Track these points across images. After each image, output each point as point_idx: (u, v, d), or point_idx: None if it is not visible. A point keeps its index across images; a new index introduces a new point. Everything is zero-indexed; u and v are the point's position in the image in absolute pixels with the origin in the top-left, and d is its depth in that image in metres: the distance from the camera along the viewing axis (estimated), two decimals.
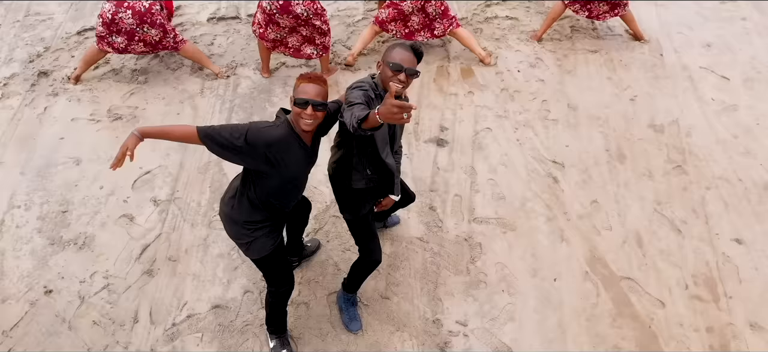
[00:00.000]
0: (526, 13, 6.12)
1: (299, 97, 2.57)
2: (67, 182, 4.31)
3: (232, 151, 2.57)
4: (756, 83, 5.26)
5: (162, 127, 2.58)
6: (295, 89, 2.62)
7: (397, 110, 2.23)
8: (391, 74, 2.74)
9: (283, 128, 2.64)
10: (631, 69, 5.39)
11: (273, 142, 2.59)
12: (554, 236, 3.96)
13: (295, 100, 2.58)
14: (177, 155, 4.51)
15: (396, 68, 2.73)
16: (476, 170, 4.42)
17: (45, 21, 6.00)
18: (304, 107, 2.57)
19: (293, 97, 2.61)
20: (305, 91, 2.58)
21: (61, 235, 3.94)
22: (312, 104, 2.56)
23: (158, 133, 2.57)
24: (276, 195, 2.78)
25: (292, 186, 2.83)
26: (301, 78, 2.63)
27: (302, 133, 2.69)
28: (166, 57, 5.49)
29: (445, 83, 5.23)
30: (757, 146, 4.63)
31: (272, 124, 2.67)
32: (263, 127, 2.61)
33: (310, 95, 2.57)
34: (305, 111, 2.57)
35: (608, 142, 4.66)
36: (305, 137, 2.71)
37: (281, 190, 2.78)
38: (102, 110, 4.91)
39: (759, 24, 6.01)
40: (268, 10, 4.69)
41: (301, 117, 2.59)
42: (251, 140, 2.54)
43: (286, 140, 2.63)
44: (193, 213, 4.09)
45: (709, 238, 3.96)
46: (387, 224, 3.96)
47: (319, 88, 2.61)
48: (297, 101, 2.57)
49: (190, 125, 2.59)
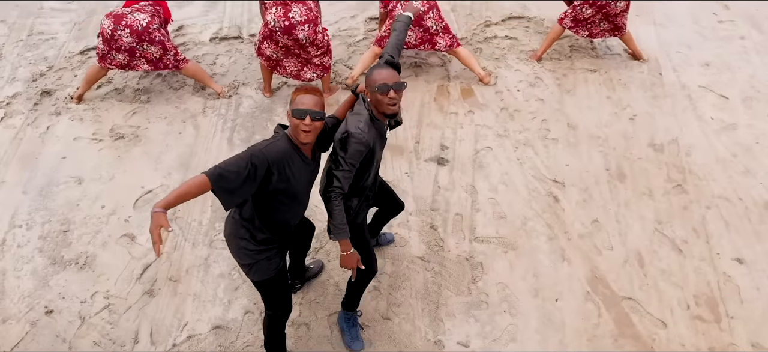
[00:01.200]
0: (525, 33, 6.16)
1: (297, 109, 2.61)
2: (69, 201, 4.32)
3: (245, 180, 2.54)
4: (755, 102, 5.29)
5: (177, 191, 2.48)
6: (292, 102, 2.66)
7: (348, 268, 2.97)
8: (381, 97, 2.77)
9: (283, 142, 2.67)
10: (631, 88, 5.42)
11: (276, 156, 2.61)
12: (555, 255, 3.96)
13: (292, 111, 2.62)
14: (178, 174, 4.53)
15: (383, 90, 2.76)
16: (477, 189, 4.43)
17: (48, 40, 6.05)
18: (302, 118, 2.60)
19: (290, 110, 2.64)
20: (302, 102, 2.62)
21: (62, 254, 3.95)
22: (310, 114, 2.60)
23: (177, 198, 2.47)
24: (280, 212, 2.79)
25: (296, 201, 2.84)
26: (297, 91, 2.69)
27: (302, 146, 2.71)
28: (168, 76, 5.53)
29: (445, 102, 5.26)
30: (756, 165, 4.65)
31: (271, 140, 2.70)
32: (264, 147, 2.63)
33: (307, 106, 2.61)
34: (303, 122, 2.60)
35: (608, 161, 4.67)
36: (305, 150, 2.74)
37: (285, 206, 2.79)
38: (104, 129, 4.94)
39: (758, 43, 6.06)
40: (271, 25, 4.73)
41: (300, 128, 2.62)
42: (257, 162, 2.56)
43: (288, 153, 2.66)
44: (194, 232, 4.10)
45: (710, 257, 3.96)
46: (380, 242, 3.96)
47: (316, 98, 2.65)
48: (295, 112, 2.61)
49: (198, 175, 2.53)
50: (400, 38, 3.24)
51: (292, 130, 2.67)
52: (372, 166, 2.91)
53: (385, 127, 2.93)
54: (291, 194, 2.76)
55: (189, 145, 4.81)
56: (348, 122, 2.81)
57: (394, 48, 3.17)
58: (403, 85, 2.82)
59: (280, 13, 4.67)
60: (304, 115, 2.60)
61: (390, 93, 2.77)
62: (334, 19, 6.33)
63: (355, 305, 3.39)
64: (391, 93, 2.77)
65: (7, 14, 6.45)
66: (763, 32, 6.21)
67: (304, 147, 2.72)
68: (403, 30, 3.29)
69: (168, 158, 4.68)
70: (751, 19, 6.40)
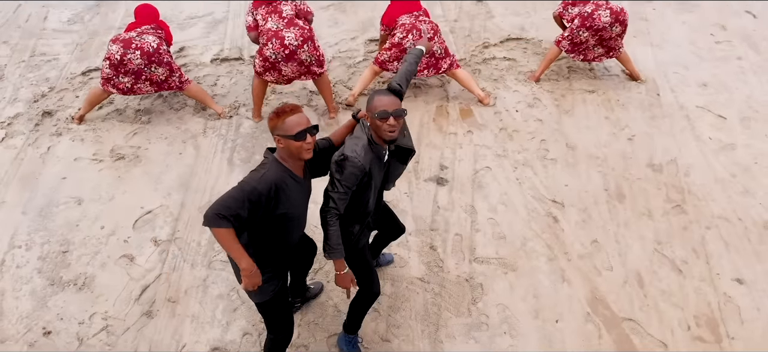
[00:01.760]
0: (523, 54, 6.21)
1: (297, 132, 2.60)
2: (69, 221, 4.32)
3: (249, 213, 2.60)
4: (753, 122, 5.31)
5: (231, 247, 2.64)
6: (282, 126, 2.62)
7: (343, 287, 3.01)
8: (380, 123, 2.78)
9: (273, 169, 2.67)
10: (629, 108, 5.45)
11: (269, 187, 2.62)
12: (555, 276, 3.95)
13: (295, 135, 2.61)
14: (178, 195, 4.54)
15: (383, 116, 2.77)
16: (476, 209, 4.43)
17: (50, 61, 6.10)
18: (304, 138, 2.62)
19: (286, 135, 2.62)
20: (299, 123, 2.62)
21: (61, 275, 3.94)
22: (308, 132, 2.64)
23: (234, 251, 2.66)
24: (280, 235, 2.80)
25: (295, 222, 2.85)
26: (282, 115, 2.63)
27: (295, 166, 2.72)
28: (169, 97, 5.57)
29: (444, 122, 5.29)
30: (755, 185, 4.66)
31: (260, 169, 2.69)
32: (256, 181, 2.62)
33: (304, 125, 2.63)
34: (306, 142, 2.63)
35: (607, 181, 4.68)
36: (298, 170, 2.74)
37: (284, 228, 2.80)
38: (105, 150, 4.95)
39: (755, 63, 6.10)
40: (272, 59, 4.76)
41: (304, 148, 2.65)
42: (254, 199, 2.58)
43: (281, 179, 2.67)
44: (193, 253, 4.09)
45: (711, 278, 3.95)
46: (380, 263, 3.96)
47: (304, 115, 2.66)
48: (298, 135, 2.61)
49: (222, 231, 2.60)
50: (411, 70, 3.25)
51: (296, 151, 2.67)
52: (370, 190, 2.91)
53: (384, 151, 2.94)
54: (290, 216, 2.77)
55: (189, 165, 4.83)
56: (346, 146, 2.83)
57: (402, 77, 3.18)
58: (403, 113, 2.83)
59: (277, 46, 4.71)
60: (305, 135, 2.63)
61: (389, 120, 2.77)
62: (333, 41, 6.39)
63: (356, 327, 3.38)
64: (391, 120, 2.77)
65: (10, 35, 6.52)
66: (760, 53, 6.26)
67: (297, 168, 2.73)
68: (415, 62, 3.31)
69: (168, 179, 4.69)
70: (747, 40, 6.46)
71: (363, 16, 6.81)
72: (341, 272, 2.94)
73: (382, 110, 2.77)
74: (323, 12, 6.94)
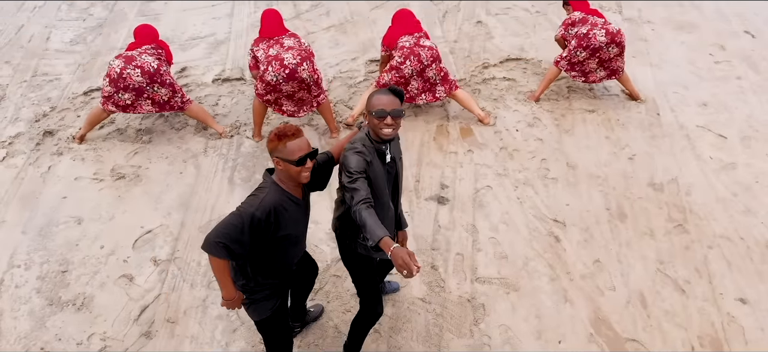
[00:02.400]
0: (523, 75, 6.24)
1: (298, 157, 2.60)
2: (68, 241, 4.30)
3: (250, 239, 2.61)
4: (753, 141, 5.32)
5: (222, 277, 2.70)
6: (283, 150, 2.61)
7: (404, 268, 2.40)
8: (377, 121, 2.77)
9: (272, 193, 2.66)
10: (629, 128, 5.46)
11: (268, 212, 2.62)
12: (558, 296, 3.92)
13: (296, 160, 2.60)
14: (178, 214, 4.53)
15: (380, 115, 2.76)
16: (477, 228, 4.41)
17: (52, 81, 6.12)
18: (304, 163, 2.63)
19: (286, 159, 2.61)
20: (300, 148, 2.61)
21: (60, 295, 3.91)
22: (308, 157, 2.64)
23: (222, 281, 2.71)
24: (281, 256, 2.79)
25: (295, 242, 2.84)
26: (283, 138, 2.61)
27: (293, 188, 2.71)
28: (170, 116, 5.58)
29: (444, 142, 5.29)
30: (757, 205, 4.64)
31: (259, 193, 2.68)
32: (254, 207, 2.61)
33: (305, 151, 2.63)
34: (306, 166, 2.64)
35: (608, 200, 4.67)
36: (296, 192, 2.73)
37: (285, 250, 2.79)
38: (105, 169, 4.95)
39: (754, 83, 6.13)
40: (274, 81, 4.78)
41: (302, 173, 2.64)
42: (254, 225, 2.58)
43: (279, 203, 2.66)
44: (192, 273, 4.07)
45: (714, 298, 3.93)
46: (386, 290, 3.90)
47: (305, 139, 2.66)
48: (299, 161, 2.60)
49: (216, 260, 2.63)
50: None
51: (295, 176, 2.66)
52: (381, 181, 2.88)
53: (385, 149, 2.91)
54: (290, 237, 2.76)
55: (190, 184, 4.82)
56: (346, 149, 2.83)
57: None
58: (401, 113, 2.82)
59: (277, 67, 4.74)
60: (305, 161, 2.62)
61: (387, 119, 2.77)
62: (334, 61, 6.42)
63: (357, 349, 3.34)
64: (388, 119, 2.77)
65: (12, 55, 6.55)
66: (759, 72, 6.29)
67: (296, 190, 2.72)
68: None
69: (168, 198, 4.69)
70: (747, 60, 6.49)
71: (363, 37, 6.86)
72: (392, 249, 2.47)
73: (380, 109, 2.76)
74: (324, 33, 6.99)
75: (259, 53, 4.99)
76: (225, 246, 2.55)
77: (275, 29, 5.09)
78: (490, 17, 7.23)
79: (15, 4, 7.58)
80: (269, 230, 2.64)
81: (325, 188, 3.05)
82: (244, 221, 2.56)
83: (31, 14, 7.35)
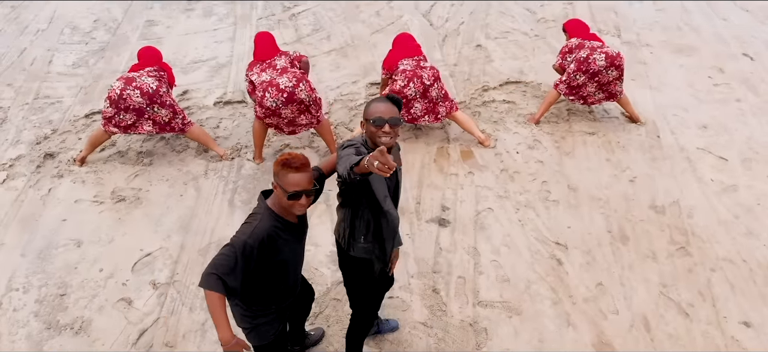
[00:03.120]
0: (522, 97, 6.27)
1: (292, 191, 2.56)
2: (67, 264, 4.28)
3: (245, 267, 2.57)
4: (754, 163, 5.32)
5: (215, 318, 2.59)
6: (283, 179, 2.57)
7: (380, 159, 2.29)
8: (375, 130, 2.74)
9: (264, 220, 2.63)
10: (629, 150, 5.47)
11: (261, 239, 2.59)
12: (560, 320, 3.89)
13: (290, 194, 2.56)
14: (178, 237, 4.51)
15: (378, 123, 2.73)
16: (479, 251, 4.39)
17: (54, 104, 6.15)
18: (299, 198, 2.58)
19: (282, 188, 2.58)
20: (298, 183, 2.56)
21: (58, 319, 3.88)
22: (304, 194, 2.59)
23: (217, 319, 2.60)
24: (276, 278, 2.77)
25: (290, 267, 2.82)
26: (286, 167, 2.56)
27: (288, 214, 2.69)
28: (171, 139, 5.59)
29: (445, 163, 5.29)
30: (759, 227, 4.63)
31: (252, 220, 2.65)
32: (247, 235, 2.58)
33: (302, 187, 2.57)
34: (300, 202, 2.59)
35: (610, 223, 4.66)
36: (291, 216, 2.71)
37: (281, 273, 2.77)
38: (106, 192, 4.94)
39: (754, 105, 6.15)
40: (273, 107, 4.80)
41: (295, 207, 2.61)
42: (247, 254, 2.55)
43: (272, 229, 2.63)
44: (192, 297, 4.04)
45: (717, 321, 3.89)
46: (382, 329, 3.78)
47: (308, 174, 2.60)
48: (292, 195, 2.57)
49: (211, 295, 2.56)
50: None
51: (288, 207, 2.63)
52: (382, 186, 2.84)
53: None
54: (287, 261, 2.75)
55: (190, 207, 4.81)
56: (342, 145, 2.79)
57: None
58: (399, 121, 2.80)
59: (274, 93, 4.77)
60: (300, 196, 2.59)
61: (385, 127, 2.73)
62: (335, 84, 6.46)
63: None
64: (386, 127, 2.73)
65: (14, 78, 6.58)
66: (759, 95, 6.32)
67: (290, 214, 2.70)
68: None
69: (168, 221, 4.67)
70: (746, 82, 6.52)
71: (364, 61, 6.90)
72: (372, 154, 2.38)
73: (378, 117, 2.73)
74: (325, 57, 7.04)
75: (253, 77, 5.03)
76: (218, 277, 2.49)
77: (268, 51, 5.15)
78: (489, 41, 7.29)
79: (18, 27, 7.64)
80: (263, 256, 2.62)
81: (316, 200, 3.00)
82: (237, 251, 2.53)
83: (34, 38, 7.41)
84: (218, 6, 8.18)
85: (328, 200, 4.84)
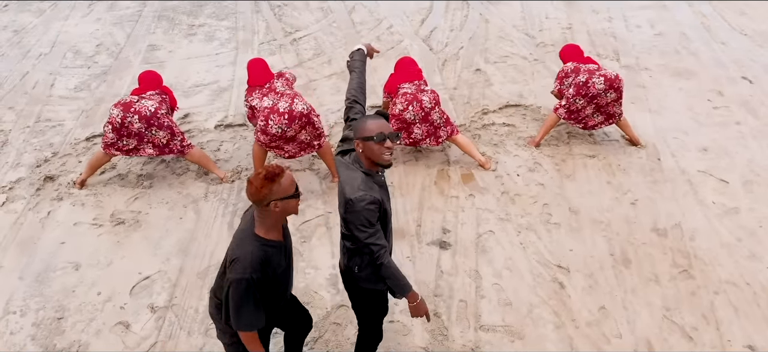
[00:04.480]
0: (522, 120, 6.28)
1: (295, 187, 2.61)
2: (65, 287, 4.24)
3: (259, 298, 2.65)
4: (756, 186, 5.30)
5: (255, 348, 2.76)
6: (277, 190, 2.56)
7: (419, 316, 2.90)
8: (378, 146, 2.71)
9: (254, 248, 2.62)
10: (630, 173, 5.46)
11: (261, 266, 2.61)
12: (563, 344, 3.84)
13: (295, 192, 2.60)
14: (177, 260, 4.48)
15: (381, 139, 2.71)
16: (481, 274, 4.36)
17: (55, 127, 6.16)
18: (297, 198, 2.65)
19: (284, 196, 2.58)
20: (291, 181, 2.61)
21: (55, 343, 3.83)
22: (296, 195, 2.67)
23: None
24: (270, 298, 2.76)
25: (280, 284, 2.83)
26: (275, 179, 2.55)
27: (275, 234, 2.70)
28: (172, 162, 5.59)
29: (446, 186, 5.28)
30: (761, 249, 4.60)
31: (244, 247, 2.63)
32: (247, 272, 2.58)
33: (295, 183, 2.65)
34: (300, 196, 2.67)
35: (612, 246, 4.63)
36: (277, 236, 2.72)
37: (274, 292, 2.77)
38: (105, 215, 4.93)
39: (754, 128, 6.16)
40: (278, 133, 4.80)
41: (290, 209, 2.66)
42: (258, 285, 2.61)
43: (264, 253, 2.63)
44: (190, 320, 3.99)
45: (722, 345, 3.84)
46: None
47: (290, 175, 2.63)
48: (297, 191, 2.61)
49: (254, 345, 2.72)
50: (363, 80, 3.20)
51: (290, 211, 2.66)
52: (387, 218, 2.85)
53: (382, 177, 2.86)
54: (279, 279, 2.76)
55: (189, 230, 4.79)
56: (345, 192, 2.73)
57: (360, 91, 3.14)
58: (398, 136, 2.80)
59: (277, 119, 4.78)
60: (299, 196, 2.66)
61: (386, 142, 2.72)
62: (336, 107, 6.48)
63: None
64: (388, 142, 2.72)
65: (16, 101, 6.61)
66: (758, 117, 6.33)
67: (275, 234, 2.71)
68: (362, 67, 3.25)
69: (167, 244, 4.64)
70: (745, 105, 6.54)
71: None
72: (415, 303, 2.86)
73: (379, 132, 2.70)
74: (326, 81, 7.08)
75: (254, 102, 5.05)
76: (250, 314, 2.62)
77: (261, 77, 5.22)
78: (488, 65, 7.33)
79: (20, 51, 7.70)
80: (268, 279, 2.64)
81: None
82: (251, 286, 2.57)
83: (36, 61, 7.46)
84: (220, 31, 8.25)
85: (329, 222, 4.82)
